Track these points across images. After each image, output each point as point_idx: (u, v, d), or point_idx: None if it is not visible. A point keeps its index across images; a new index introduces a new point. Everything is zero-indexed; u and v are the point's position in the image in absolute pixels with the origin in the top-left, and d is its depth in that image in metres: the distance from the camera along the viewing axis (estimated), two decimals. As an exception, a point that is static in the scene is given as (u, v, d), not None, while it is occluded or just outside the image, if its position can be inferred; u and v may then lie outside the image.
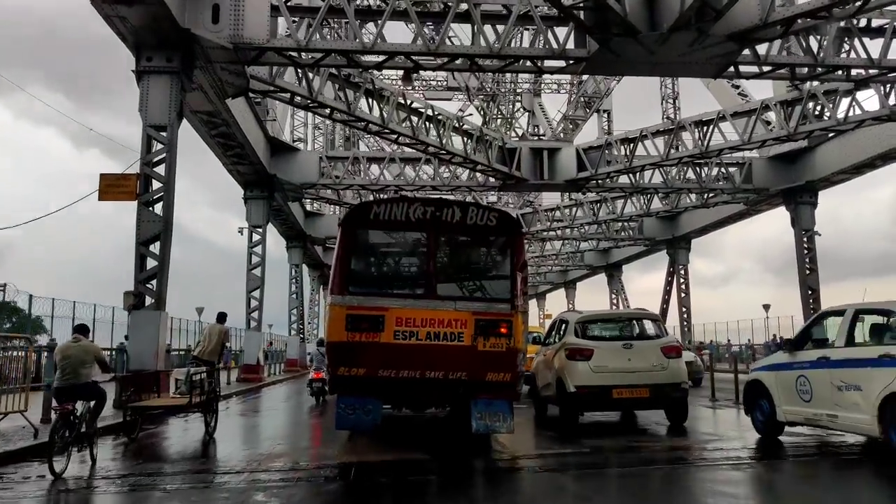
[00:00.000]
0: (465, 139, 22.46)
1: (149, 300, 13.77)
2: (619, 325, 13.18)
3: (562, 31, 14.39)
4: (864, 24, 16.01)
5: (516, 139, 28.28)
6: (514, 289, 8.75)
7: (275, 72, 17.11)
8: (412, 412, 12.14)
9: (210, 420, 10.90)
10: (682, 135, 22.96)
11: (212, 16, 13.80)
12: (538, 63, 15.22)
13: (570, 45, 14.36)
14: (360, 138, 39.73)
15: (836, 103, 19.97)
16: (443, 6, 15.23)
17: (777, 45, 15.37)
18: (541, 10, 14.34)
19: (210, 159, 23.03)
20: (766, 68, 15.64)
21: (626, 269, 46.02)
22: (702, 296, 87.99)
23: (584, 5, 13.31)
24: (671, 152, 22.96)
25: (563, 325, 12.22)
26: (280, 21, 14.67)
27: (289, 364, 37.20)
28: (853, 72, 16.27)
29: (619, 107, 46.38)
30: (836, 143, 23.16)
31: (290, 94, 18.11)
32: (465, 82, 35.43)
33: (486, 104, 36.83)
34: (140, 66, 13.98)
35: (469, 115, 37.81)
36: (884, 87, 18.73)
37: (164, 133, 14.04)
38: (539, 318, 55.36)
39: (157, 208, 14.02)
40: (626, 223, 35.33)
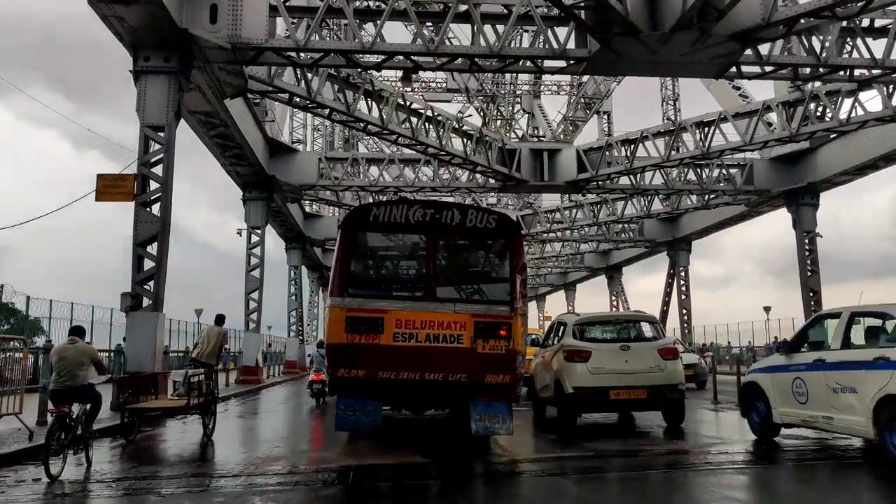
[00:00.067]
0: (464, 140, 22.36)
1: (146, 301, 13.70)
2: (617, 327, 13.28)
3: (562, 32, 14.31)
4: (867, 23, 15.95)
5: (516, 140, 28.19)
6: (514, 291, 8.79)
7: (273, 72, 17.03)
8: (412, 414, 12.10)
9: (208, 422, 10.84)
10: (682, 136, 22.87)
11: (210, 16, 13.73)
12: (539, 63, 15.15)
13: (571, 45, 14.28)
14: (359, 140, 39.69)
15: (838, 104, 19.88)
16: (442, 6, 15.15)
17: (779, 45, 15.27)
18: (541, 10, 14.26)
19: (209, 161, 23.02)
20: (769, 68, 15.56)
21: (626, 270, 46.02)
22: (702, 298, 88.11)
23: (584, 5, 13.23)
24: (672, 153, 22.87)
25: (562, 328, 12.27)
26: (279, 21, 14.60)
27: (288, 366, 37.19)
28: (856, 72, 16.17)
29: (620, 108, 46.38)
30: (838, 144, 23.07)
31: (288, 95, 18.03)
32: (464, 84, 35.29)
33: (485, 105, 36.75)
34: (137, 66, 13.90)
35: (469, 115, 37.82)
36: (887, 88, 18.65)
37: (161, 133, 13.96)
38: (539, 320, 55.19)
39: (155, 209, 13.95)
40: (627, 225, 35.23)
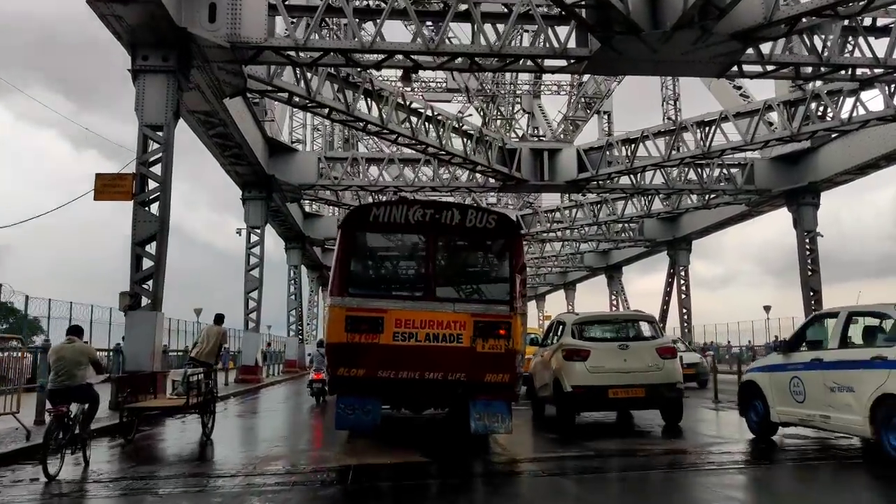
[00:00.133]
0: (464, 140, 22.31)
1: (145, 301, 13.65)
2: (616, 326, 13.32)
3: (563, 31, 14.25)
4: (868, 22, 15.90)
5: (516, 140, 28.13)
6: (513, 291, 8.82)
7: (273, 71, 16.98)
8: (411, 413, 12.07)
9: (207, 421, 10.82)
10: (683, 135, 22.81)
11: (209, 15, 13.67)
12: (539, 62, 15.10)
13: (572, 44, 14.22)
14: (359, 139, 39.66)
15: (839, 103, 19.82)
16: (442, 5, 15.11)
17: (781, 45, 15.20)
18: (542, 9, 14.22)
19: (208, 160, 22.96)
20: (770, 67, 15.50)
21: (626, 270, 45.94)
22: (702, 297, 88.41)
23: (585, 3, 13.16)
24: (672, 153, 22.82)
25: (561, 327, 12.32)
26: (278, 20, 14.55)
27: (287, 365, 37.18)
28: (858, 71, 16.13)
29: (620, 108, 46.25)
30: (839, 144, 23.01)
31: (288, 94, 17.98)
32: (464, 83, 35.24)
33: (485, 105, 36.68)
34: (136, 65, 13.83)
35: (469, 115, 37.77)
36: (889, 87, 18.58)
37: (160, 133, 13.90)
38: (538, 319, 55.13)
39: (154, 208, 13.90)
40: (627, 224, 35.18)
